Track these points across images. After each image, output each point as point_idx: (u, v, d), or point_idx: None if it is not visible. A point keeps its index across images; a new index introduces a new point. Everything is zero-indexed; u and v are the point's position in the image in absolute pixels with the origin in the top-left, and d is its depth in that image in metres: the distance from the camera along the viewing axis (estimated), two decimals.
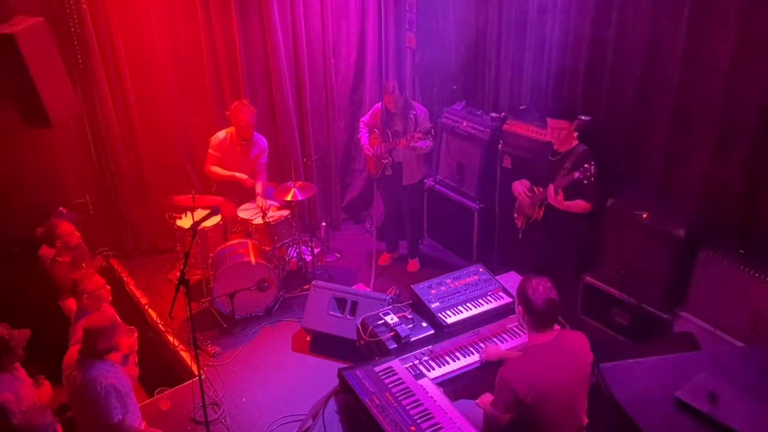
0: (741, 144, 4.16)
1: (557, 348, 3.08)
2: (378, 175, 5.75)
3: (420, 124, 5.37)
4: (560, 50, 5.23)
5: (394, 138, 5.46)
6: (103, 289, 4.11)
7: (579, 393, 3.10)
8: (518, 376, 2.99)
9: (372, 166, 5.77)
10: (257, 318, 5.43)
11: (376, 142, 5.63)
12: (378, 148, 5.59)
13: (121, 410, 3.52)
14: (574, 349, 3.12)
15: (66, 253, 4.77)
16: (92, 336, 3.52)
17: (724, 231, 4.33)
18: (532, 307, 3.05)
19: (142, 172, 6.07)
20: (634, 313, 4.65)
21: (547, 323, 3.09)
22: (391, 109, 5.46)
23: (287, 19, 5.97)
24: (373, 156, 5.67)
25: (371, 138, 5.71)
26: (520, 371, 3.03)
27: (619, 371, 2.16)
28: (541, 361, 3.03)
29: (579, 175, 4.00)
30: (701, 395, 1.96)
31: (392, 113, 5.49)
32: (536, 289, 3.06)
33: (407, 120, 5.44)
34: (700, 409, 1.92)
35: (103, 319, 3.62)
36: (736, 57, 4.06)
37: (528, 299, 3.06)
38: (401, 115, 5.47)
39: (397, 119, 5.50)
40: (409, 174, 5.68)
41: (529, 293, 3.06)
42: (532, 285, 3.08)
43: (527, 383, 2.94)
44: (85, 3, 5.28)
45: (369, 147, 5.68)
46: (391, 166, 5.64)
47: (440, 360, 3.85)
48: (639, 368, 2.24)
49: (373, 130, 5.69)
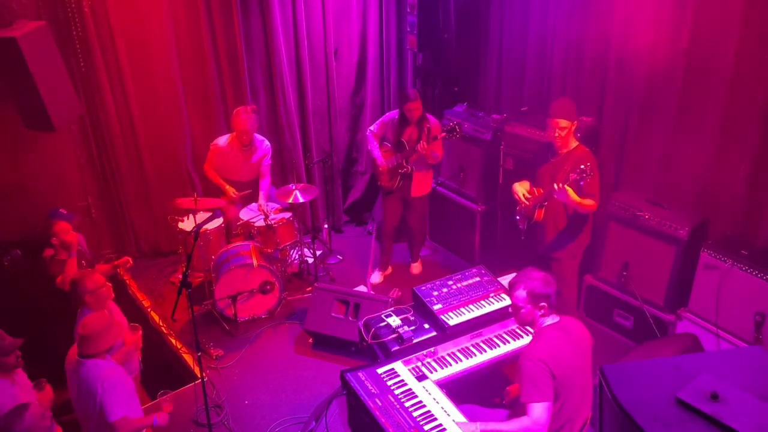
0: (744, 143, 4.16)
1: (564, 328, 3.25)
2: (394, 188, 5.56)
3: (432, 135, 5.28)
4: (561, 51, 5.24)
5: (410, 146, 5.32)
6: (104, 287, 4.12)
7: (588, 377, 3.26)
8: (542, 351, 3.13)
9: (386, 179, 5.56)
10: (259, 320, 5.44)
11: (389, 155, 5.50)
12: (392, 160, 5.45)
13: (123, 408, 3.52)
14: (577, 332, 3.31)
15: (63, 251, 4.79)
16: (89, 339, 3.52)
17: (727, 231, 4.33)
18: (535, 294, 3.21)
19: (144, 175, 6.08)
20: (637, 314, 4.65)
21: (551, 305, 3.23)
22: (410, 118, 5.29)
23: (289, 21, 5.98)
24: (386, 169, 5.53)
25: (382, 151, 5.55)
26: (541, 348, 3.16)
27: (621, 372, 2.15)
28: (557, 337, 3.20)
29: (576, 176, 3.99)
30: (704, 396, 1.95)
31: (408, 123, 5.34)
32: (530, 276, 3.25)
33: (421, 131, 5.32)
34: (703, 410, 1.91)
35: (98, 323, 3.58)
36: (738, 57, 4.06)
37: (543, 292, 3.22)
38: (417, 125, 5.34)
39: (411, 130, 5.36)
40: (418, 186, 5.56)
41: (540, 287, 3.22)
42: (527, 275, 3.28)
43: (551, 355, 3.10)
44: (86, 6, 5.30)
45: (383, 160, 5.51)
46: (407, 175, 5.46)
47: (443, 362, 3.85)
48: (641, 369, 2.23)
49: (384, 143, 5.55)
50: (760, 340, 3.93)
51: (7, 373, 3.59)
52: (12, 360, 3.57)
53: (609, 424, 2.13)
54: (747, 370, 2.12)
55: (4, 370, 3.58)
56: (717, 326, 4.16)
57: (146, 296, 5.77)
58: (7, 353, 3.55)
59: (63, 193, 5.67)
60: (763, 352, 2.28)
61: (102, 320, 3.65)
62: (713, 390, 1.92)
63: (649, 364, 2.22)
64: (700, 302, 4.28)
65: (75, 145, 5.75)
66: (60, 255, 4.78)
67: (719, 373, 2.03)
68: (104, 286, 4.12)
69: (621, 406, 1.96)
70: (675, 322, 4.44)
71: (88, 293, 4.01)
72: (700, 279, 4.25)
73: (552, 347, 3.14)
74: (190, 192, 5.60)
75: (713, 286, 4.15)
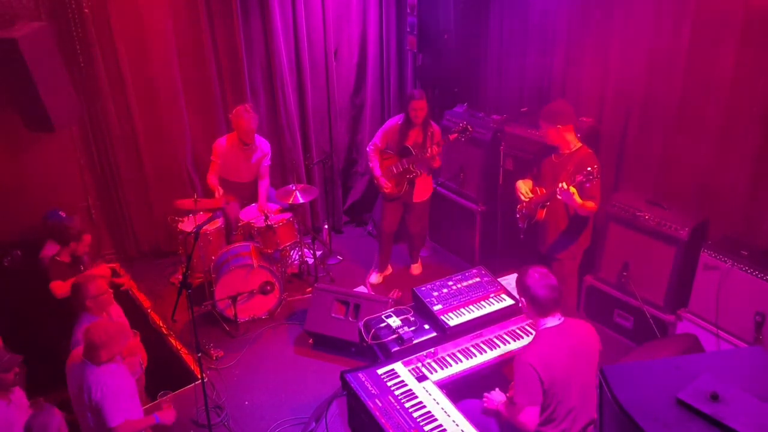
0: (744, 144, 4.16)
1: (565, 332, 3.25)
2: (400, 194, 5.50)
3: (435, 140, 5.27)
4: (561, 51, 5.25)
5: (417, 151, 5.25)
6: (106, 293, 4.11)
7: (591, 381, 3.25)
8: (532, 356, 3.14)
9: (392, 186, 5.46)
10: (260, 321, 5.43)
11: (391, 162, 5.43)
12: (397, 166, 5.37)
13: (123, 413, 3.52)
14: (581, 335, 3.30)
15: (67, 254, 4.79)
16: (95, 347, 3.50)
17: (727, 232, 4.33)
18: (534, 295, 3.24)
19: (144, 175, 6.08)
20: (637, 314, 4.65)
21: (552, 307, 3.24)
22: (415, 120, 5.23)
23: (289, 22, 5.99)
24: (392, 188, 5.44)
25: (383, 159, 5.48)
26: (533, 352, 3.18)
27: (621, 373, 2.15)
28: (552, 342, 3.20)
29: (581, 178, 3.99)
30: (704, 397, 1.95)
31: (413, 127, 5.29)
32: (533, 277, 3.27)
33: (426, 135, 5.30)
34: (703, 411, 1.91)
35: (107, 332, 3.56)
36: (739, 57, 4.07)
37: (527, 288, 3.26)
38: (422, 129, 5.30)
39: (415, 134, 5.32)
40: (420, 191, 5.55)
41: (529, 283, 3.27)
42: (529, 275, 3.29)
43: (542, 361, 3.10)
44: (87, 7, 5.30)
45: (384, 180, 5.42)
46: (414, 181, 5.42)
47: (443, 362, 3.85)
48: (641, 370, 2.23)
49: (385, 151, 5.46)
50: (760, 341, 3.93)
51: (3, 392, 3.51)
52: (11, 377, 3.50)
53: (609, 424, 2.13)
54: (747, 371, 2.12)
55: (2, 388, 3.50)
56: (717, 327, 4.16)
57: (146, 297, 5.77)
58: (6, 370, 3.47)
59: (63, 194, 5.68)
60: (763, 352, 2.28)
61: (110, 328, 3.63)
62: (713, 390, 1.92)
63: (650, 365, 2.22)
64: (700, 303, 4.28)
65: (75, 145, 5.76)
66: (63, 257, 4.78)
67: (719, 373, 2.03)
68: (106, 292, 4.12)
69: (621, 406, 1.96)
70: (675, 323, 4.44)
71: (90, 298, 4.01)
72: (700, 279, 4.25)
73: (544, 352, 3.15)
74: (190, 193, 5.60)
75: (713, 286, 4.15)
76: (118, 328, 3.76)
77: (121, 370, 3.65)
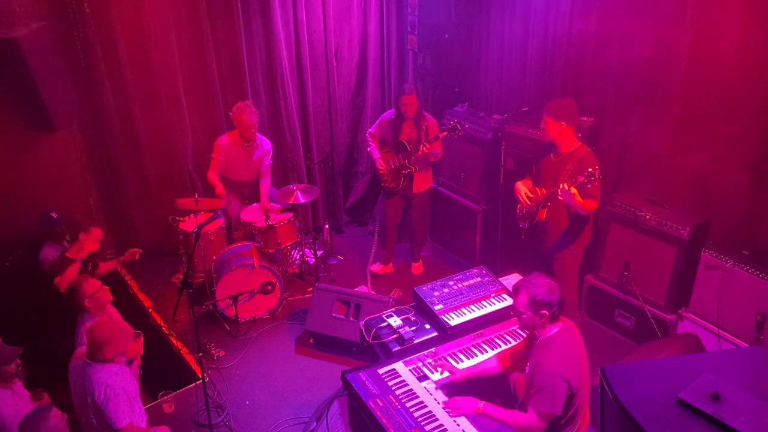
0: (745, 143, 4.16)
1: (570, 332, 3.25)
2: (398, 189, 5.57)
3: (431, 134, 5.30)
4: (562, 51, 5.24)
5: (411, 146, 5.31)
6: (102, 290, 4.12)
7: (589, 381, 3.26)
8: (560, 365, 3.08)
9: (389, 180, 5.56)
10: (261, 321, 5.44)
11: (389, 156, 5.49)
12: (394, 161, 5.45)
13: (128, 414, 3.52)
14: (577, 331, 3.31)
15: (75, 250, 4.80)
16: (99, 345, 3.51)
17: (728, 231, 4.32)
18: (550, 303, 3.15)
19: (144, 175, 6.08)
20: (638, 314, 4.64)
21: (553, 314, 3.20)
22: (405, 114, 5.28)
23: (289, 22, 5.99)
24: (386, 171, 5.52)
25: (382, 153, 5.55)
26: (556, 362, 3.10)
27: (622, 372, 2.15)
28: (568, 345, 3.19)
29: (583, 178, 3.99)
30: (705, 396, 1.95)
31: (405, 121, 5.33)
32: (541, 288, 3.17)
33: (420, 129, 5.33)
34: (704, 411, 1.91)
35: (111, 330, 3.57)
36: (740, 57, 4.06)
37: (540, 302, 3.15)
38: (414, 124, 5.34)
39: (409, 128, 5.36)
40: (419, 183, 5.57)
41: (541, 296, 3.15)
42: (531, 281, 3.22)
43: (569, 369, 3.07)
44: (87, 7, 5.30)
45: (382, 163, 5.51)
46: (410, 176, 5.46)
47: (444, 362, 3.85)
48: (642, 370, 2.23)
49: (384, 145, 5.54)
50: (761, 341, 3.93)
51: (6, 383, 3.57)
52: (12, 369, 3.56)
53: (610, 424, 2.13)
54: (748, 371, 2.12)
55: (4, 379, 3.55)
56: (718, 326, 4.16)
57: (147, 297, 5.77)
58: (8, 362, 3.52)
59: (64, 194, 5.67)
60: (764, 352, 2.28)
61: (113, 326, 3.64)
62: (714, 390, 1.92)
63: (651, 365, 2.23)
64: (701, 302, 4.27)
65: (76, 145, 5.75)
66: (70, 252, 4.78)
67: (720, 373, 2.02)
68: (102, 289, 4.12)
69: (622, 406, 1.96)
70: (676, 323, 4.43)
71: (88, 298, 4.02)
72: (701, 279, 4.25)
73: (567, 357, 3.13)
74: (191, 192, 5.60)
75: (714, 286, 4.14)
76: (121, 326, 3.77)
77: (124, 371, 3.64)
